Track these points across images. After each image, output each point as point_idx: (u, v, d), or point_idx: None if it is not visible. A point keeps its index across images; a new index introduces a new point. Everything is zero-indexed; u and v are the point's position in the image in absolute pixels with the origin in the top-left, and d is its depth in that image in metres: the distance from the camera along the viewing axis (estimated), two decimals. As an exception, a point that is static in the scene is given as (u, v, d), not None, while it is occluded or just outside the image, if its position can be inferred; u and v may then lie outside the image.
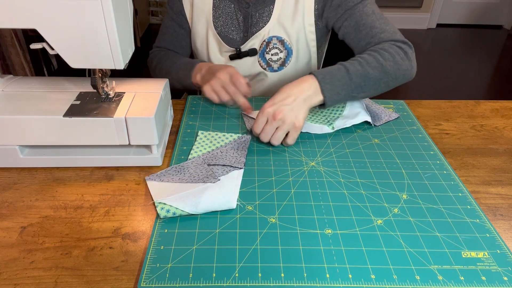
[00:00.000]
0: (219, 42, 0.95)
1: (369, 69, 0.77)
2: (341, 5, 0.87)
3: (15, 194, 0.63)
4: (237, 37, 0.96)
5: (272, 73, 0.97)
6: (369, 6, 0.86)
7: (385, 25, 0.85)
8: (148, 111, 0.65)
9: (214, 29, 0.95)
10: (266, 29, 0.92)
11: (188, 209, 0.58)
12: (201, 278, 0.50)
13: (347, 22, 0.87)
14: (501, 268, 0.52)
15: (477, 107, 0.92)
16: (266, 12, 0.92)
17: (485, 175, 0.70)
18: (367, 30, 0.85)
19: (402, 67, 0.81)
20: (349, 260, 0.53)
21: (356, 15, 0.86)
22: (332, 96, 0.75)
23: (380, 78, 0.78)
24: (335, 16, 0.89)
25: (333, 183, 0.66)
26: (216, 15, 0.94)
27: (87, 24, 0.57)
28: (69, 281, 0.50)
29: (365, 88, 0.78)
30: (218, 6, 0.94)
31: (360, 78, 0.76)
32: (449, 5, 3.65)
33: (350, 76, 0.75)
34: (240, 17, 0.94)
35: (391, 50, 0.80)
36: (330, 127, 0.80)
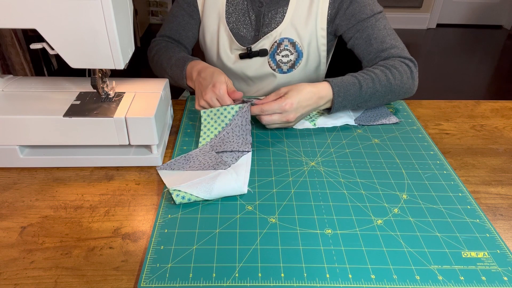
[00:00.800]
0: (230, 39, 0.95)
1: (379, 87, 0.80)
2: (355, 15, 0.88)
3: (15, 194, 0.63)
4: (248, 35, 0.95)
5: (281, 75, 0.97)
6: (381, 20, 0.88)
7: (395, 41, 0.88)
8: (148, 111, 0.65)
9: (226, 25, 0.94)
10: (278, 30, 0.92)
11: (202, 195, 0.61)
12: (201, 278, 0.50)
13: (359, 33, 0.89)
14: (501, 268, 0.52)
15: (477, 107, 0.92)
16: (279, 13, 0.91)
17: (485, 175, 0.70)
18: (378, 44, 0.87)
19: (406, 85, 0.84)
20: (349, 260, 0.53)
21: (368, 28, 0.87)
22: (339, 108, 0.80)
23: (386, 95, 0.82)
24: (346, 25, 0.89)
25: (333, 183, 0.66)
26: (229, 10, 0.94)
27: (87, 24, 0.57)
28: (69, 281, 0.50)
29: (369, 103, 0.83)
30: (232, 2, 0.93)
31: (369, 95, 0.80)
32: (449, 5, 3.65)
33: (361, 93, 0.79)
34: (252, 16, 0.93)
35: (400, 69, 0.83)
36: (312, 123, 0.82)
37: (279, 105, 0.73)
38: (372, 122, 0.82)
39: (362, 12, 0.87)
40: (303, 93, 0.75)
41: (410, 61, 0.86)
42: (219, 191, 0.62)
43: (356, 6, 0.87)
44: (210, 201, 0.62)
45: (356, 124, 0.82)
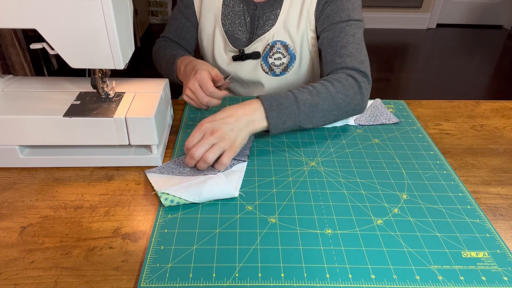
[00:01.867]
0: (225, 40, 0.95)
1: (319, 100, 0.73)
2: (329, 17, 0.86)
3: (15, 194, 0.63)
4: (242, 38, 0.95)
5: (274, 78, 0.97)
6: (353, 28, 0.84)
7: (356, 51, 0.81)
8: (148, 111, 0.65)
9: (221, 27, 0.95)
10: (271, 33, 0.92)
11: (191, 198, 0.60)
12: (201, 278, 0.50)
13: (326, 33, 0.86)
14: (501, 268, 0.52)
15: (477, 107, 0.92)
16: (272, 15, 0.92)
17: (485, 175, 0.70)
18: (337, 48, 0.83)
19: (353, 101, 0.77)
20: (349, 260, 0.53)
21: (336, 30, 0.84)
22: (278, 125, 0.70)
23: (330, 110, 0.74)
24: (321, 25, 0.88)
25: (333, 183, 0.66)
26: (225, 13, 0.94)
27: (87, 24, 0.57)
28: (69, 281, 0.50)
29: (313, 120, 0.74)
30: (228, 4, 0.94)
31: (308, 108, 0.72)
32: (449, 5, 3.65)
33: (298, 105, 0.71)
34: (247, 18, 0.94)
35: (345, 83, 0.76)
36: None
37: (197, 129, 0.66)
38: (372, 122, 0.82)
39: (337, 15, 0.85)
40: (223, 110, 0.69)
41: (361, 75, 0.78)
42: (208, 194, 0.60)
43: (334, 8, 0.86)
44: (210, 201, 0.62)
45: (356, 124, 0.82)
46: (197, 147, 0.64)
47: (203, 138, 0.65)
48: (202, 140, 0.65)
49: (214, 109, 0.84)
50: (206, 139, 0.65)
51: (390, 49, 3.25)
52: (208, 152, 0.64)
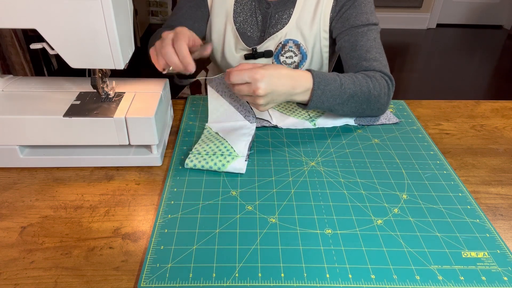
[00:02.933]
0: (237, 38, 0.94)
1: (358, 91, 0.76)
2: (349, 20, 0.87)
3: (15, 194, 0.63)
4: (254, 36, 0.95)
5: None
6: (373, 32, 0.86)
7: (379, 55, 0.85)
8: (148, 111, 0.65)
9: (233, 24, 0.94)
10: (283, 32, 0.92)
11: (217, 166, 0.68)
12: (201, 278, 0.50)
13: (348, 37, 0.87)
14: (501, 268, 0.52)
15: (477, 107, 0.92)
16: (286, 14, 0.91)
17: (485, 175, 0.70)
18: (362, 52, 0.84)
19: (381, 100, 0.80)
20: (349, 260, 0.53)
21: (358, 34, 0.86)
22: (317, 103, 0.74)
23: (362, 103, 0.78)
24: (340, 28, 0.89)
25: (333, 183, 0.66)
26: (237, 10, 0.94)
27: (87, 24, 0.57)
28: (69, 281, 0.50)
29: (345, 107, 0.77)
30: (240, 2, 0.93)
31: (347, 96, 0.76)
32: (449, 5, 3.65)
33: (340, 92, 0.74)
34: (259, 16, 0.93)
35: (380, 82, 0.79)
36: (312, 123, 0.81)
37: (249, 73, 0.66)
38: (372, 122, 0.82)
39: (357, 19, 0.86)
40: (280, 71, 0.69)
41: (389, 79, 0.82)
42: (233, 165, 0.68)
43: (353, 12, 0.87)
44: (210, 201, 0.62)
45: (356, 124, 0.82)
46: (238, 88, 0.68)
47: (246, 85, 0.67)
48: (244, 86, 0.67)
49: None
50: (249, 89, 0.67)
51: (390, 49, 3.25)
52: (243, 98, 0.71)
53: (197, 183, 0.65)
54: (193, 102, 0.89)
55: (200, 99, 0.90)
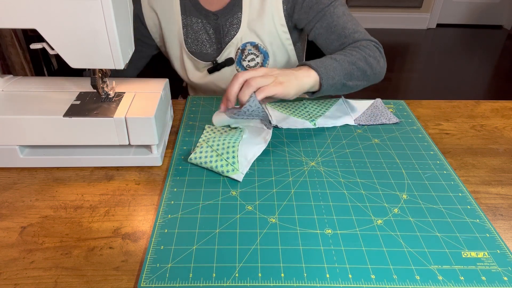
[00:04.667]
0: (194, 60, 0.96)
1: (355, 59, 0.78)
2: (313, 7, 0.87)
3: (15, 194, 0.63)
4: (211, 51, 0.95)
5: None
6: (339, 7, 0.86)
7: (356, 26, 0.86)
8: (148, 111, 0.65)
9: (186, 49, 0.95)
10: (238, 37, 0.92)
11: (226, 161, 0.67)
12: (201, 278, 0.50)
13: (319, 23, 0.87)
14: (501, 268, 0.52)
15: (477, 107, 0.92)
16: (235, 19, 0.91)
17: (485, 175, 0.70)
18: (340, 31, 0.86)
19: (380, 64, 0.83)
20: (349, 260, 0.53)
21: (327, 16, 0.86)
22: (328, 79, 0.74)
23: (365, 69, 0.80)
24: (306, 18, 0.88)
25: (333, 183, 0.66)
26: (187, 33, 0.94)
27: (87, 24, 0.57)
28: (69, 281, 0.50)
29: (353, 77, 0.79)
30: (188, 25, 0.93)
31: (348, 65, 0.77)
32: (449, 5, 3.65)
33: (339, 63, 0.77)
34: (210, 30, 0.93)
35: (369, 47, 0.82)
36: (312, 123, 0.81)
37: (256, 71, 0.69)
38: (372, 122, 0.82)
39: (320, 3, 0.86)
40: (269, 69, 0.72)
41: (375, 43, 0.85)
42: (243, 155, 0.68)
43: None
44: (210, 201, 0.62)
45: (356, 124, 0.82)
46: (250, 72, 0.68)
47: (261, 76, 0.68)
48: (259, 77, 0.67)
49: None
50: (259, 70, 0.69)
51: (390, 49, 3.25)
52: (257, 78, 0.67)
53: (197, 183, 0.65)
54: (193, 102, 0.89)
55: (200, 99, 0.90)
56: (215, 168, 0.67)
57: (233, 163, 0.67)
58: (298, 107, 0.86)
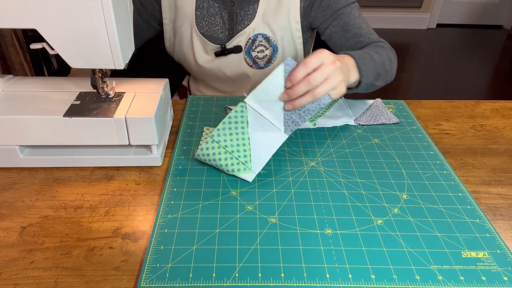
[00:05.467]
0: (203, 42, 0.96)
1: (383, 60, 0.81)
2: (330, 6, 0.90)
3: (15, 194, 0.63)
4: (222, 36, 0.96)
5: (259, 71, 0.98)
6: (356, 10, 0.91)
7: (370, 29, 0.91)
8: (148, 111, 0.65)
9: (197, 30, 0.95)
10: (251, 27, 0.93)
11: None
12: (201, 278, 0.50)
13: (336, 21, 0.90)
14: (501, 268, 0.52)
15: (477, 107, 0.92)
16: (250, 10, 0.92)
17: (485, 175, 0.70)
18: (356, 30, 0.89)
19: (395, 64, 0.87)
20: (349, 260, 0.53)
21: (344, 15, 0.90)
22: (368, 78, 0.77)
23: (388, 71, 0.83)
24: (323, 16, 0.91)
25: (333, 183, 0.66)
26: (200, 15, 0.94)
27: (87, 24, 0.57)
28: (69, 281, 0.50)
29: (379, 78, 0.81)
30: (202, 7, 0.94)
31: (380, 65, 0.80)
32: (449, 5, 3.65)
33: (374, 62, 0.79)
34: (225, 16, 0.94)
35: (388, 49, 0.86)
36: (312, 123, 0.82)
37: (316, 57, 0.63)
38: (372, 122, 0.82)
39: (338, 2, 0.89)
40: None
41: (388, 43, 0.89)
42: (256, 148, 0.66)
43: None
44: (210, 201, 0.62)
45: (356, 124, 0.82)
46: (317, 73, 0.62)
47: (322, 66, 0.63)
48: (322, 67, 0.63)
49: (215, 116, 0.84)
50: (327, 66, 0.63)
51: (390, 49, 3.24)
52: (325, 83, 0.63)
53: (197, 183, 0.65)
54: (193, 102, 0.89)
55: (200, 99, 0.90)
56: (224, 166, 0.66)
57: (246, 162, 0.66)
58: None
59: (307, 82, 0.63)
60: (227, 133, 0.67)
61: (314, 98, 0.64)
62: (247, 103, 0.67)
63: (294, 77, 0.63)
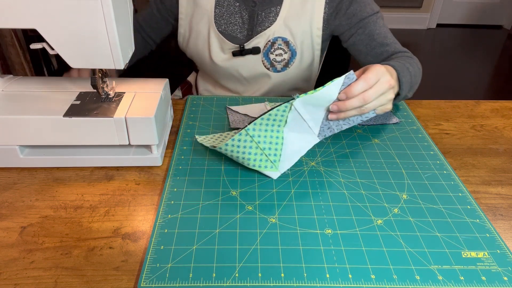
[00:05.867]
0: (221, 40, 0.95)
1: (415, 72, 0.82)
2: (356, 14, 0.90)
3: (15, 194, 0.63)
4: (240, 36, 0.95)
5: (276, 74, 0.97)
6: (380, 19, 0.92)
7: (394, 38, 0.92)
8: (148, 111, 0.65)
9: (215, 28, 0.94)
10: (272, 29, 0.92)
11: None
12: (201, 278, 0.50)
13: (361, 29, 0.90)
14: (501, 268, 0.52)
15: (477, 107, 0.92)
16: (272, 12, 0.92)
17: (485, 175, 0.70)
18: (382, 39, 0.90)
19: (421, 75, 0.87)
20: (349, 260, 0.53)
21: (370, 24, 0.90)
22: (405, 91, 0.77)
23: (417, 82, 0.84)
24: (348, 24, 0.91)
25: (333, 183, 0.66)
26: (219, 13, 0.94)
27: (87, 24, 0.57)
28: (69, 281, 0.50)
29: (411, 90, 0.83)
30: (222, 5, 0.94)
31: (413, 77, 0.81)
32: (449, 5, 3.65)
33: (410, 75, 0.79)
34: (245, 15, 0.93)
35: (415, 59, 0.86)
36: None
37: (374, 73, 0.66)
38: (372, 122, 0.82)
39: (363, 11, 0.89)
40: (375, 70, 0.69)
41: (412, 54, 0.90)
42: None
43: (357, 6, 0.89)
44: (210, 201, 0.62)
45: (356, 124, 0.82)
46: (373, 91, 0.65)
47: (378, 83, 0.66)
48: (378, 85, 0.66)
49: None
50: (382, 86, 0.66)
51: (390, 49, 3.24)
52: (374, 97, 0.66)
53: (197, 183, 0.65)
54: (193, 102, 0.89)
55: (200, 99, 0.90)
56: (252, 161, 0.65)
57: (274, 161, 0.65)
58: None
59: (362, 99, 0.65)
60: (262, 129, 0.65)
61: (361, 113, 0.67)
62: (294, 105, 0.64)
63: (351, 91, 0.64)
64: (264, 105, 0.86)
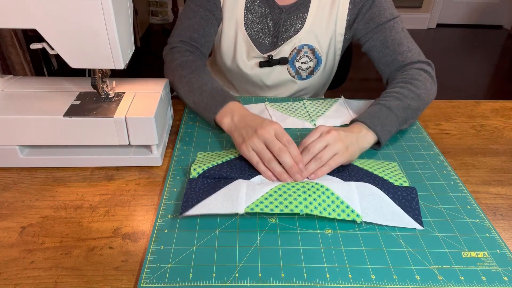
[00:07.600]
0: (249, 45, 0.92)
1: (408, 101, 0.76)
2: (374, 19, 0.86)
3: (15, 194, 0.63)
4: (265, 42, 0.93)
5: (301, 81, 0.96)
6: (399, 24, 0.86)
7: (411, 44, 0.86)
8: (148, 111, 0.65)
9: (244, 31, 0.92)
10: (298, 37, 0.91)
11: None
12: (201, 278, 0.50)
13: (376, 35, 0.87)
14: (501, 268, 0.52)
15: (477, 107, 0.92)
16: (299, 19, 0.90)
17: (485, 175, 0.70)
18: (395, 46, 0.85)
19: (431, 91, 0.81)
20: (349, 260, 0.53)
21: (386, 30, 0.86)
22: (385, 136, 0.72)
23: (418, 107, 0.78)
24: (365, 29, 0.88)
25: (333, 183, 0.66)
26: (248, 16, 0.91)
27: (87, 24, 0.57)
28: (69, 281, 0.50)
29: (407, 120, 0.77)
30: (250, 7, 0.91)
31: (402, 111, 0.75)
32: (449, 5, 3.65)
33: (394, 113, 0.74)
34: (270, 22, 0.91)
35: (421, 78, 0.80)
36: (312, 123, 0.81)
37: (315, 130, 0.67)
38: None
39: (382, 16, 0.86)
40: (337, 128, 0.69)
41: (427, 65, 0.83)
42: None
43: (376, 10, 0.86)
44: (210, 201, 0.61)
45: None
46: (315, 143, 0.65)
47: (320, 136, 0.66)
48: (320, 138, 0.66)
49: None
50: (321, 138, 0.65)
51: (390, 49, 3.24)
52: (323, 151, 0.64)
53: (197, 183, 0.65)
54: (193, 102, 0.89)
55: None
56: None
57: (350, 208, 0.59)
58: (298, 107, 0.86)
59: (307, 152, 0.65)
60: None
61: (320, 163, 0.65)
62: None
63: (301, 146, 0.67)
64: (264, 105, 0.86)
